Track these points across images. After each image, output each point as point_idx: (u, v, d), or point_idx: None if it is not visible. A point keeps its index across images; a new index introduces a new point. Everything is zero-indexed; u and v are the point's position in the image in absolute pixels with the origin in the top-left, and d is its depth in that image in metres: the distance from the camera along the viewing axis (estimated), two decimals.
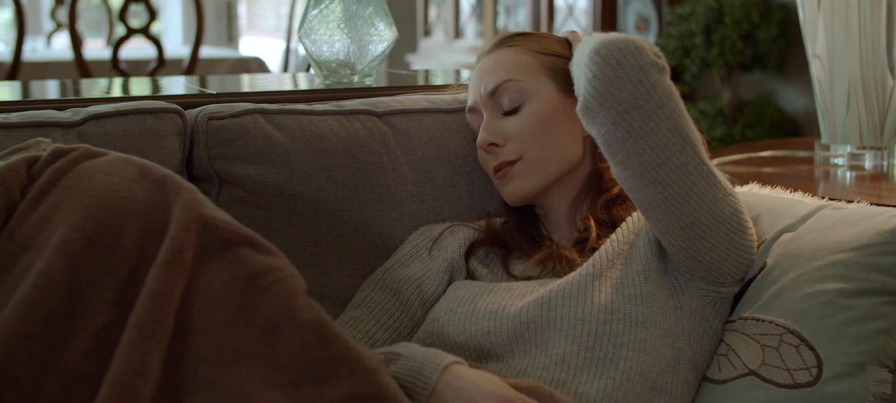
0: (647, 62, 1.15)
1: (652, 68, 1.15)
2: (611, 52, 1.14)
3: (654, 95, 1.15)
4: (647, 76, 1.14)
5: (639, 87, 1.14)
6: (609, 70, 1.14)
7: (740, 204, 1.24)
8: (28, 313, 0.92)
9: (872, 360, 1.21)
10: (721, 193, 1.21)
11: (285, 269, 1.01)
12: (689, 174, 1.17)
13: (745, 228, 1.24)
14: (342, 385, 0.95)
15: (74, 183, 1.03)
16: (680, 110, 1.18)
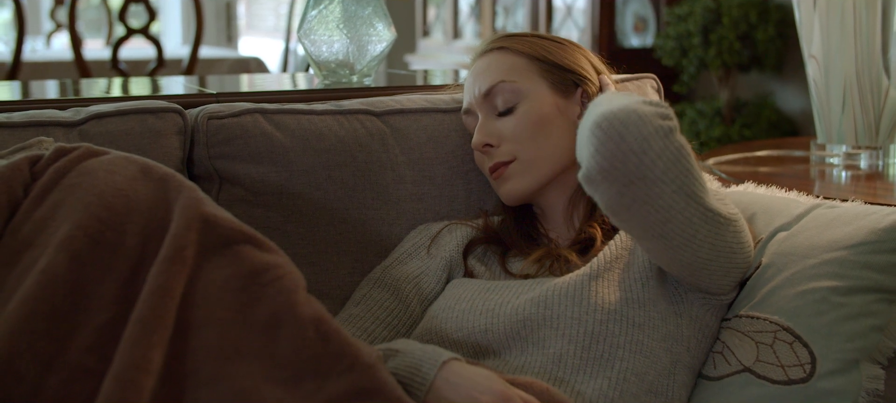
0: (650, 131, 1.09)
1: (656, 136, 1.09)
2: (612, 125, 1.09)
3: (660, 163, 1.10)
4: (652, 146, 1.09)
5: (643, 159, 1.09)
6: (611, 145, 1.09)
7: (739, 222, 1.23)
8: (32, 309, 0.93)
9: (866, 357, 1.22)
10: (722, 228, 1.18)
11: (285, 266, 1.02)
12: (692, 224, 1.15)
13: (744, 247, 1.23)
14: (342, 381, 0.96)
15: (77, 181, 1.04)
16: (687, 168, 1.12)
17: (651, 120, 1.10)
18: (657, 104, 1.13)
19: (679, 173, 1.11)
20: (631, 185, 1.10)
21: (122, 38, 3.62)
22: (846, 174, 1.86)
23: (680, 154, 1.11)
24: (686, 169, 1.12)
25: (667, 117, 1.12)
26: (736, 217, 1.22)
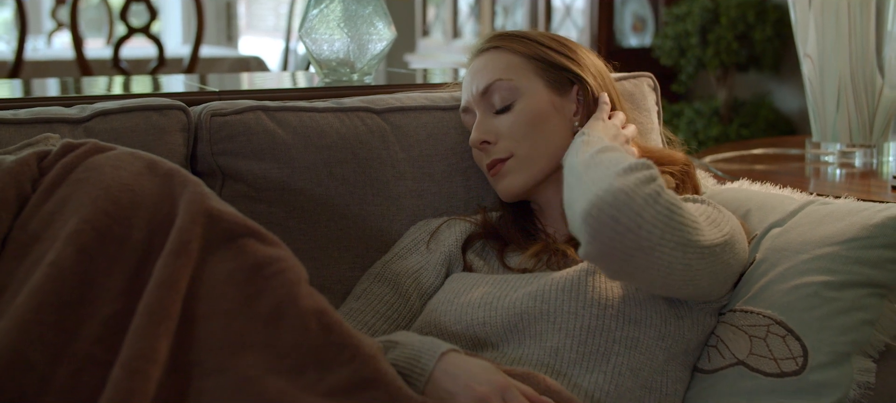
0: (640, 204, 1.10)
1: (646, 206, 1.10)
2: (603, 212, 1.10)
3: (655, 231, 1.10)
4: (645, 218, 1.10)
5: (639, 233, 1.10)
6: (607, 230, 1.10)
7: (734, 239, 1.24)
8: (41, 301, 0.96)
9: (857, 350, 1.25)
10: (719, 255, 1.19)
11: (288, 260, 1.05)
12: (692, 267, 1.16)
13: (740, 258, 1.25)
14: (343, 371, 0.98)
15: (84, 176, 1.07)
16: (680, 221, 1.13)
17: (638, 192, 1.11)
18: (636, 167, 1.13)
19: (673, 230, 1.12)
20: (631, 258, 1.12)
21: (123, 37, 3.64)
22: (841, 172, 1.89)
23: (671, 212, 1.12)
24: (679, 222, 1.13)
25: (649, 179, 1.13)
26: (729, 236, 1.23)
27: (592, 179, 1.14)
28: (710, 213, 1.25)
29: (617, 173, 1.12)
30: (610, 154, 1.19)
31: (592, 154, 1.20)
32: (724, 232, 1.22)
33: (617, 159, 1.16)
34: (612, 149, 1.22)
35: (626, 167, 1.13)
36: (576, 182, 1.17)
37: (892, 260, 1.26)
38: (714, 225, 1.21)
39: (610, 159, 1.17)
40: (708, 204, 1.28)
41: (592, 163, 1.17)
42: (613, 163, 1.15)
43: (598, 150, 1.20)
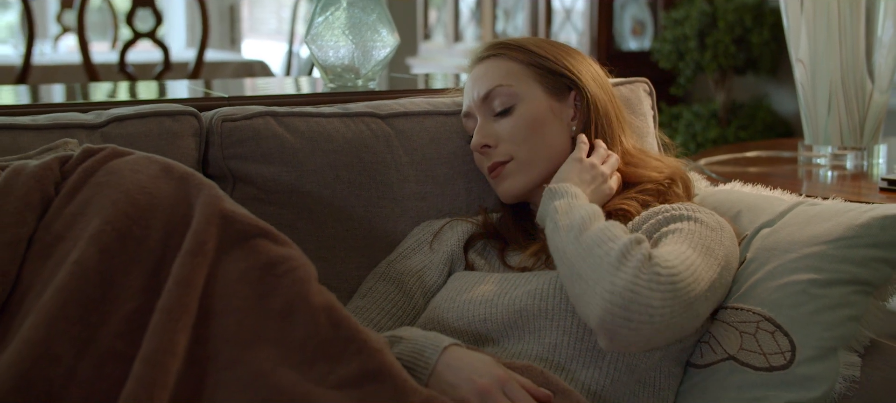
0: (646, 294, 1.13)
1: (652, 294, 1.13)
2: (615, 317, 1.13)
3: (666, 311, 1.15)
4: (654, 306, 1.13)
5: (653, 320, 1.14)
6: (622, 331, 1.14)
7: (728, 255, 1.29)
8: (66, 298, 1.01)
9: (843, 345, 1.30)
10: (717, 287, 1.25)
11: (298, 259, 1.10)
12: (699, 315, 1.23)
13: (732, 275, 1.32)
14: (352, 364, 1.04)
15: (104, 180, 1.12)
16: (686, 294, 1.18)
17: (640, 283, 1.13)
18: (626, 251, 1.15)
19: (679, 297, 1.15)
20: (649, 340, 1.16)
21: (129, 41, 3.70)
22: (833, 174, 1.94)
23: (674, 283, 1.15)
24: (682, 287, 1.15)
25: (643, 259, 1.15)
26: (724, 260, 1.27)
27: (591, 279, 1.16)
28: (703, 237, 1.27)
29: (612, 266, 1.15)
30: (592, 233, 1.20)
31: (575, 239, 1.21)
32: (719, 259, 1.26)
33: (603, 243, 1.18)
34: (591, 218, 1.24)
35: (617, 257, 1.15)
36: (574, 280, 1.20)
37: (876, 258, 1.32)
38: (708, 253, 1.24)
39: (597, 246, 1.18)
40: (698, 221, 1.30)
41: (582, 254, 1.19)
42: (603, 253, 1.17)
43: (578, 232, 1.22)
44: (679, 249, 1.21)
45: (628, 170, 1.46)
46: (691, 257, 1.21)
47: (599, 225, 1.22)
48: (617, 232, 1.19)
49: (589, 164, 1.39)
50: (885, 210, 1.34)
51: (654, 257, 1.16)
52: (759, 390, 1.28)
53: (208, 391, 1.01)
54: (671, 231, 1.28)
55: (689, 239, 1.26)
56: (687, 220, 1.30)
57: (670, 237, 1.26)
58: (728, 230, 1.33)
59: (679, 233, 1.27)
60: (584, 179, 1.37)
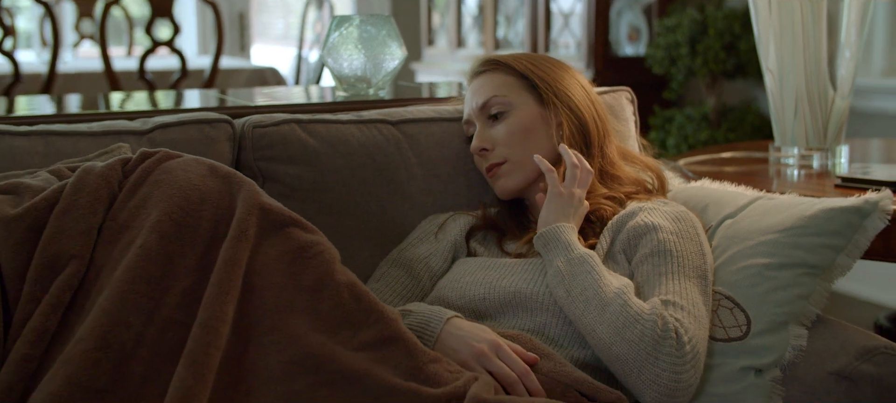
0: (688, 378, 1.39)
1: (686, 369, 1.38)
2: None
3: (697, 370, 1.42)
4: (690, 378, 1.39)
5: (692, 385, 1.41)
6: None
7: (707, 260, 1.52)
8: (134, 275, 1.23)
9: (793, 320, 1.51)
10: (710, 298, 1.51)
11: (325, 244, 1.32)
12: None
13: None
14: (371, 330, 1.26)
15: (160, 178, 1.34)
16: (694, 343, 1.42)
17: (678, 369, 1.38)
18: (659, 336, 1.37)
19: (704, 355, 1.43)
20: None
21: (148, 50, 3.91)
22: (800, 173, 2.15)
23: (699, 354, 1.41)
24: (706, 349, 1.43)
25: (674, 345, 1.38)
26: (708, 269, 1.51)
27: (633, 365, 1.38)
28: (685, 254, 1.50)
29: (650, 356, 1.37)
30: (614, 310, 1.40)
31: (599, 316, 1.41)
32: (701, 269, 1.50)
33: (631, 325, 1.38)
34: (599, 285, 1.43)
35: (652, 345, 1.37)
36: (613, 360, 1.41)
37: (823, 245, 1.53)
38: (698, 274, 1.49)
39: (627, 328, 1.38)
40: (671, 232, 1.51)
41: (613, 336, 1.39)
42: (637, 338, 1.37)
43: (599, 308, 1.41)
44: (687, 298, 1.44)
45: (610, 170, 1.68)
46: (696, 301, 1.45)
47: (613, 295, 1.41)
48: (635, 309, 1.39)
49: (568, 195, 1.55)
50: (830, 203, 1.55)
51: (680, 336, 1.39)
52: (719, 357, 1.49)
53: (252, 351, 1.23)
54: (662, 260, 1.48)
55: (681, 269, 1.48)
56: (659, 231, 1.50)
57: (666, 276, 1.46)
58: (691, 219, 1.55)
59: (669, 264, 1.48)
60: (567, 213, 1.54)
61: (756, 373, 1.48)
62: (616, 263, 1.52)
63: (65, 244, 1.27)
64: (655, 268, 1.48)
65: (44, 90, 3.82)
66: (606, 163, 1.68)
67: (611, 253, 1.53)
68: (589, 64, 4.43)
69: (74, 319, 1.23)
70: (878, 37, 3.87)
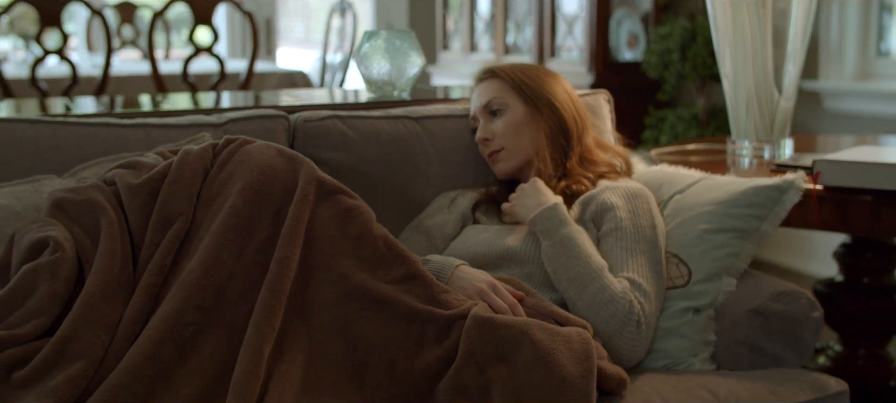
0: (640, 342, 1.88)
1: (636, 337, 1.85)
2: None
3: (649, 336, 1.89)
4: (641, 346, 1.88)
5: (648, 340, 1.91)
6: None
7: (658, 227, 1.98)
8: (226, 228, 1.70)
9: (725, 272, 1.97)
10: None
11: (364, 207, 1.79)
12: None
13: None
14: (399, 270, 1.73)
15: (242, 158, 1.82)
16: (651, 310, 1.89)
17: (637, 345, 1.86)
18: (625, 316, 1.84)
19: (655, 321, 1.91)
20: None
21: (191, 55, 4.40)
22: (754, 162, 2.61)
23: (652, 328, 1.89)
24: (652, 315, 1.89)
25: (636, 327, 1.85)
26: (660, 234, 1.98)
27: (605, 334, 1.84)
28: (640, 230, 1.94)
29: (616, 333, 1.83)
30: (591, 290, 1.85)
31: (578, 295, 1.86)
32: (653, 239, 1.94)
33: (605, 305, 1.84)
34: (582, 270, 1.87)
35: (620, 324, 1.83)
36: (592, 321, 1.84)
37: (750, 215, 1.99)
38: (650, 245, 1.93)
39: (602, 307, 1.84)
40: (628, 210, 1.97)
41: (592, 311, 1.85)
42: (609, 316, 1.83)
43: (579, 289, 1.86)
44: (645, 275, 1.90)
45: (587, 155, 2.15)
46: (649, 275, 1.90)
47: (593, 277, 1.86)
48: (610, 292, 1.85)
49: (541, 187, 2.01)
50: (757, 182, 2.02)
51: (641, 321, 1.84)
52: (668, 302, 1.96)
53: (313, 285, 1.71)
54: (618, 236, 1.93)
55: (635, 243, 1.93)
56: (618, 210, 1.96)
57: (625, 254, 1.92)
58: (646, 195, 2.02)
59: (625, 240, 1.93)
60: (544, 198, 1.99)
61: (695, 312, 1.95)
62: (586, 230, 1.99)
63: (174, 205, 1.75)
64: (617, 243, 1.94)
65: (97, 92, 4.31)
66: (584, 150, 2.15)
67: (582, 220, 2.00)
68: (590, 68, 4.90)
69: (183, 259, 1.70)
70: (850, 45, 4.33)
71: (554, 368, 1.61)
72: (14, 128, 2.00)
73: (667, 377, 1.84)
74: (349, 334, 1.66)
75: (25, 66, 4.96)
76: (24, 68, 4.84)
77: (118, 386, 1.51)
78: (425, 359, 1.64)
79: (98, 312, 1.60)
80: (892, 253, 2.54)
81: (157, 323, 1.60)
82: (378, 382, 1.62)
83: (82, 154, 2.00)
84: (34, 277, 1.62)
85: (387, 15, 6.71)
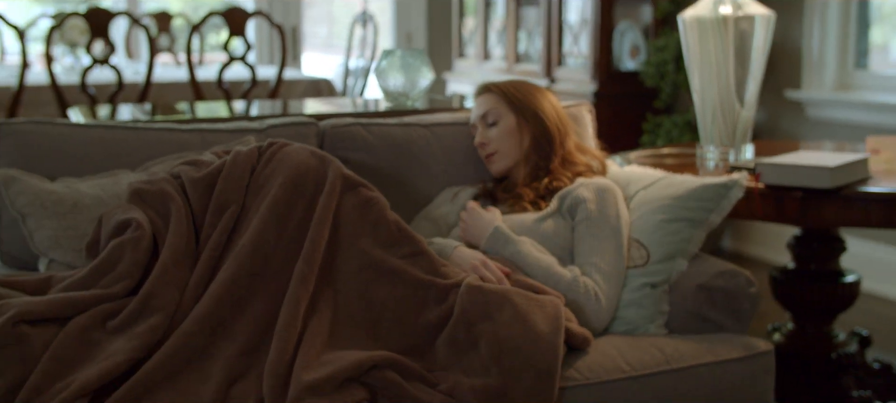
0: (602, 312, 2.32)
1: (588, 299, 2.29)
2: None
3: (612, 303, 2.36)
4: (600, 312, 2.34)
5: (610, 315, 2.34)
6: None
7: (623, 218, 2.43)
8: (270, 214, 2.16)
9: (679, 255, 2.42)
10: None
11: (381, 198, 2.25)
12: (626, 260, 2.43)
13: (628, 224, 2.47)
14: (408, 248, 2.18)
15: (282, 158, 2.28)
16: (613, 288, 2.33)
17: (602, 317, 2.31)
18: (585, 293, 2.29)
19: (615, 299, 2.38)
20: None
21: (225, 63, 4.88)
22: (718, 164, 3.05)
23: (613, 307, 2.34)
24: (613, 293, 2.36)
25: (596, 299, 2.35)
26: (622, 226, 2.41)
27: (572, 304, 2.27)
28: (607, 221, 2.38)
29: (580, 309, 2.24)
30: (550, 283, 2.27)
31: (545, 279, 2.29)
32: (618, 229, 2.38)
33: (568, 290, 2.26)
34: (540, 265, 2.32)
35: (581, 302, 2.25)
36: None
37: (700, 207, 2.43)
38: (614, 233, 2.36)
39: (566, 291, 2.26)
40: (596, 206, 2.39)
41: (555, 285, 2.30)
42: (575, 297, 2.26)
43: (545, 276, 2.29)
44: (606, 258, 2.33)
45: (568, 158, 2.60)
46: (612, 258, 2.34)
47: (545, 277, 2.29)
48: (564, 283, 2.28)
49: (491, 215, 2.44)
50: (708, 180, 2.46)
51: (599, 296, 2.28)
52: (629, 279, 2.39)
53: (338, 258, 2.17)
54: (588, 225, 2.37)
55: (601, 231, 2.36)
56: (588, 203, 2.39)
57: (593, 241, 2.35)
58: (614, 190, 2.47)
59: (593, 228, 2.36)
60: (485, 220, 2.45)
61: (652, 287, 2.39)
62: (563, 219, 2.44)
63: (228, 195, 2.21)
64: (587, 231, 2.39)
65: (140, 98, 4.79)
66: (565, 153, 2.60)
67: (560, 211, 2.45)
68: (594, 76, 5.34)
69: (236, 237, 2.17)
70: (830, 58, 4.76)
71: (529, 326, 2.05)
72: (93, 131, 2.48)
73: (626, 338, 2.29)
74: (367, 297, 2.12)
75: (72, 72, 5.45)
76: (71, 74, 5.33)
77: (188, 333, 1.97)
78: (427, 318, 2.10)
79: (171, 276, 2.06)
80: (835, 244, 2.97)
81: (216, 286, 2.06)
82: (389, 334, 2.08)
83: (151, 153, 2.47)
84: (121, 249, 2.09)
85: (407, 24, 7.18)
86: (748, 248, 5.20)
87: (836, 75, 4.77)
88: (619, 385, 2.13)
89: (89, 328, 1.96)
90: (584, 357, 2.15)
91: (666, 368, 2.18)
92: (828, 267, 2.97)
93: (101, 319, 1.99)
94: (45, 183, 2.33)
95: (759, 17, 2.94)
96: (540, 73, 5.79)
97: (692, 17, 2.94)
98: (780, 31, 4.89)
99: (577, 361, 2.14)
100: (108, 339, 1.97)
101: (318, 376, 1.88)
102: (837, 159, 2.57)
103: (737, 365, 2.23)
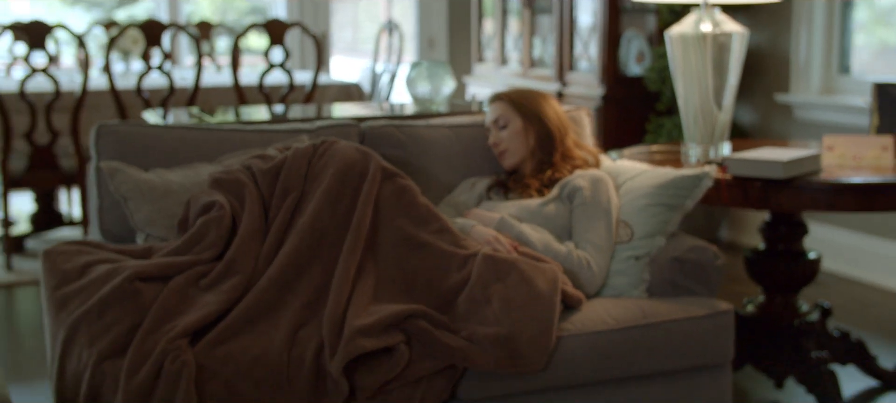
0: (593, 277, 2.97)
1: (582, 267, 3.00)
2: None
3: (602, 273, 3.00)
4: (593, 278, 3.00)
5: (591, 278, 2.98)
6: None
7: (612, 200, 3.02)
8: (323, 199, 2.74)
9: (658, 233, 2.97)
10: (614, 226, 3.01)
11: (413, 185, 2.82)
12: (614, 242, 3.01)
13: (617, 208, 3.03)
14: (435, 225, 2.75)
15: (332, 153, 2.85)
16: (603, 261, 2.92)
17: (595, 282, 2.94)
18: (578, 264, 2.96)
19: (605, 267, 2.95)
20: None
21: (265, 70, 5.45)
22: (700, 159, 3.61)
23: (604, 275, 2.99)
24: (603, 264, 2.95)
25: (587, 267, 2.94)
26: (612, 209, 3.01)
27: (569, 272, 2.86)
28: (599, 206, 2.96)
29: (574, 277, 2.83)
30: (549, 254, 2.84)
31: (545, 251, 2.87)
32: (609, 210, 2.96)
33: (564, 260, 2.87)
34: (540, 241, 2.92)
35: (575, 271, 2.84)
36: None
37: (677, 194, 2.98)
38: (606, 214, 2.94)
39: (562, 261, 2.86)
40: (590, 192, 2.98)
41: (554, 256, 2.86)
42: (570, 266, 2.85)
43: (544, 249, 2.89)
44: (598, 234, 2.90)
45: (567, 153, 3.16)
46: (603, 234, 2.90)
47: (546, 252, 2.84)
48: (560, 256, 2.84)
49: (485, 227, 3.09)
50: (683, 172, 3.02)
51: (591, 265, 2.86)
52: (617, 252, 2.96)
53: (379, 234, 2.74)
54: (584, 208, 2.94)
55: (595, 214, 2.93)
56: (584, 191, 2.97)
57: (588, 221, 2.93)
58: (606, 180, 3.03)
59: (588, 211, 2.93)
60: (491, 223, 3.07)
61: (636, 259, 2.95)
62: (563, 204, 3.00)
63: (290, 183, 2.79)
64: (582, 213, 2.95)
65: (189, 102, 5.37)
66: (565, 149, 3.16)
67: (560, 197, 3.02)
68: (602, 80, 5.88)
69: (297, 217, 2.74)
70: (816, 64, 5.31)
71: (533, 286, 2.62)
72: (175, 131, 3.07)
73: (613, 300, 2.85)
74: (402, 264, 2.69)
75: (123, 77, 6.05)
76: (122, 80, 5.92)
77: (263, 290, 2.55)
78: (451, 281, 2.67)
79: (247, 247, 2.64)
80: (799, 228, 3.53)
81: (283, 255, 2.64)
82: (420, 294, 2.65)
83: (222, 149, 3.05)
84: (207, 225, 2.67)
85: (429, 30, 7.76)
86: (742, 238, 5.74)
87: (822, 80, 5.31)
88: (605, 335, 2.69)
89: (186, 285, 2.54)
90: (578, 314, 2.72)
91: (643, 322, 2.74)
92: (793, 248, 3.52)
93: (195, 279, 2.57)
94: (141, 173, 2.92)
95: (735, 34, 3.49)
96: (553, 78, 6.34)
97: (677, 34, 3.50)
98: (770, 38, 5.44)
99: (572, 316, 2.70)
100: (201, 294, 2.54)
101: (366, 322, 2.45)
102: (791, 154, 3.12)
103: (702, 321, 2.79)
